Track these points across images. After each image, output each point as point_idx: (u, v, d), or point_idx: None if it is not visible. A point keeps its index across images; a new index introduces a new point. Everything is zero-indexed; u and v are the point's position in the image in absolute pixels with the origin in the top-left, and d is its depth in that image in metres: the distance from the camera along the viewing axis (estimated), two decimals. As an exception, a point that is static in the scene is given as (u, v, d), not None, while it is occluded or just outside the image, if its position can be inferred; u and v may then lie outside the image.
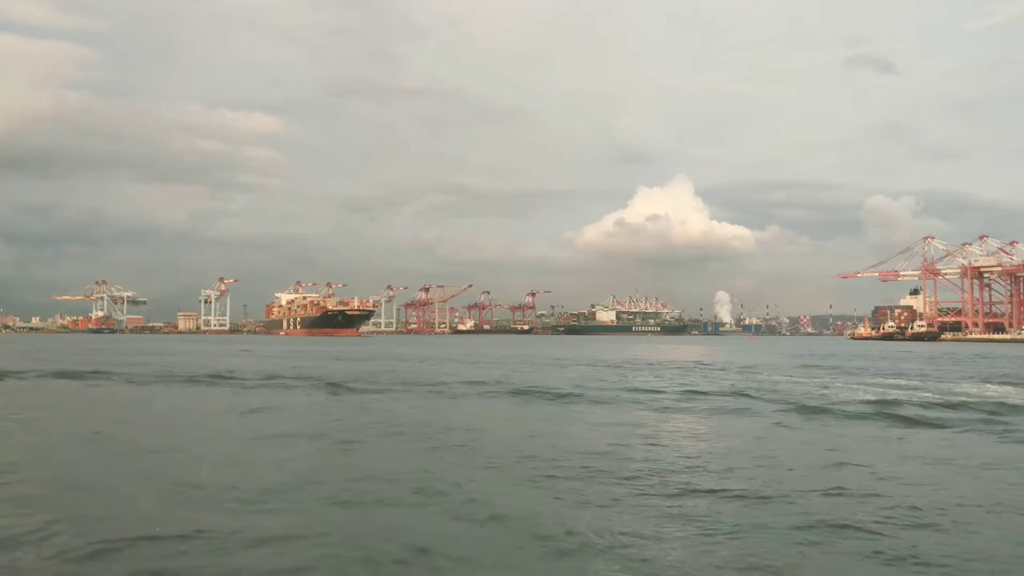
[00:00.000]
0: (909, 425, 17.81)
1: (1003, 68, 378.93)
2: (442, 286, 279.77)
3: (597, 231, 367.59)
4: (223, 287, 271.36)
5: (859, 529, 8.56)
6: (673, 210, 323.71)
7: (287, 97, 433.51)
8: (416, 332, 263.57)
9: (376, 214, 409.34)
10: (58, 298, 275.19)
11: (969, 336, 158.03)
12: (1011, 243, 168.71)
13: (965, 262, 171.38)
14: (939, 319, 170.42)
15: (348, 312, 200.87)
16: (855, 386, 29.28)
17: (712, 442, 15.59)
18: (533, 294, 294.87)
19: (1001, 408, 20.73)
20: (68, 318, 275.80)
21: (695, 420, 19.28)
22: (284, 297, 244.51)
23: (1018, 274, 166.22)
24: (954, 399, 23.46)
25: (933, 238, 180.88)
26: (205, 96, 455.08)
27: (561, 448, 13.92)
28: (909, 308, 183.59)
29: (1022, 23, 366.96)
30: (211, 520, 8.74)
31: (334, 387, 27.42)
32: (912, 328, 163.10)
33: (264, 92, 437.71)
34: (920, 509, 9.52)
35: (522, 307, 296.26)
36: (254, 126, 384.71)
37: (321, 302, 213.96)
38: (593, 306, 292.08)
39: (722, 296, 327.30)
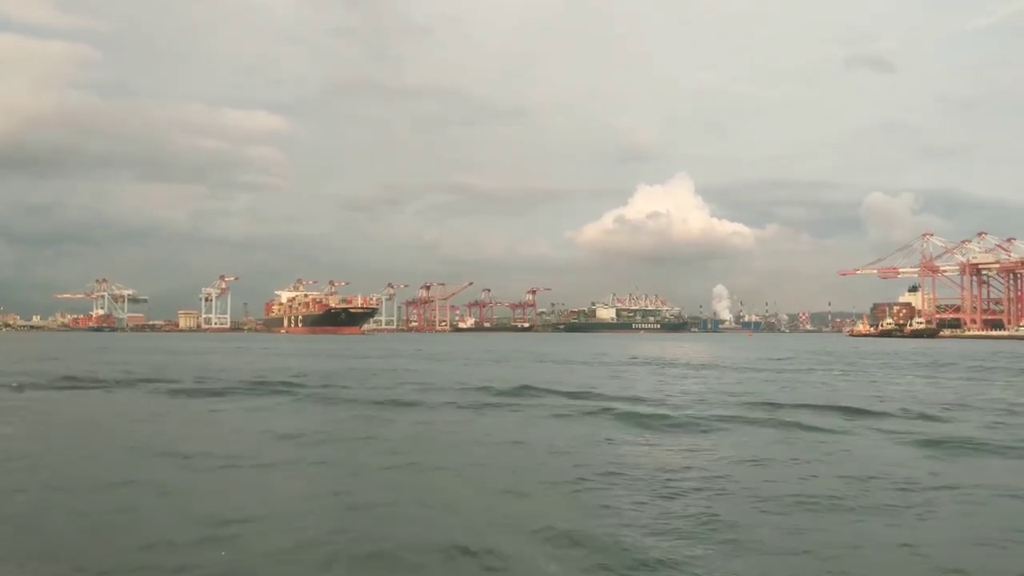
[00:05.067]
0: None
1: (1001, 67, 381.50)
2: (443, 284, 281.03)
3: (597, 229, 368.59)
4: (223, 285, 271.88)
5: None
6: (673, 208, 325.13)
7: (289, 96, 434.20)
8: (417, 330, 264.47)
9: (377, 213, 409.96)
10: (59, 296, 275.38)
11: (968, 333, 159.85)
12: (1009, 240, 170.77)
13: (964, 259, 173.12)
14: (937, 316, 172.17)
15: (352, 310, 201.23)
16: None
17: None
18: (533, 292, 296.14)
19: None
20: (68, 316, 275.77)
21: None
22: (284, 295, 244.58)
23: (1016, 271, 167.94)
24: None
25: (932, 235, 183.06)
26: (207, 95, 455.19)
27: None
28: (908, 305, 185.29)
29: (1020, 22, 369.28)
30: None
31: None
32: (911, 325, 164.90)
33: (266, 91, 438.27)
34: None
35: (522, 305, 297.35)
36: (256, 125, 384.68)
37: (323, 300, 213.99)
38: (593, 304, 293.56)
39: (720, 290, 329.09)
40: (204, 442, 15.88)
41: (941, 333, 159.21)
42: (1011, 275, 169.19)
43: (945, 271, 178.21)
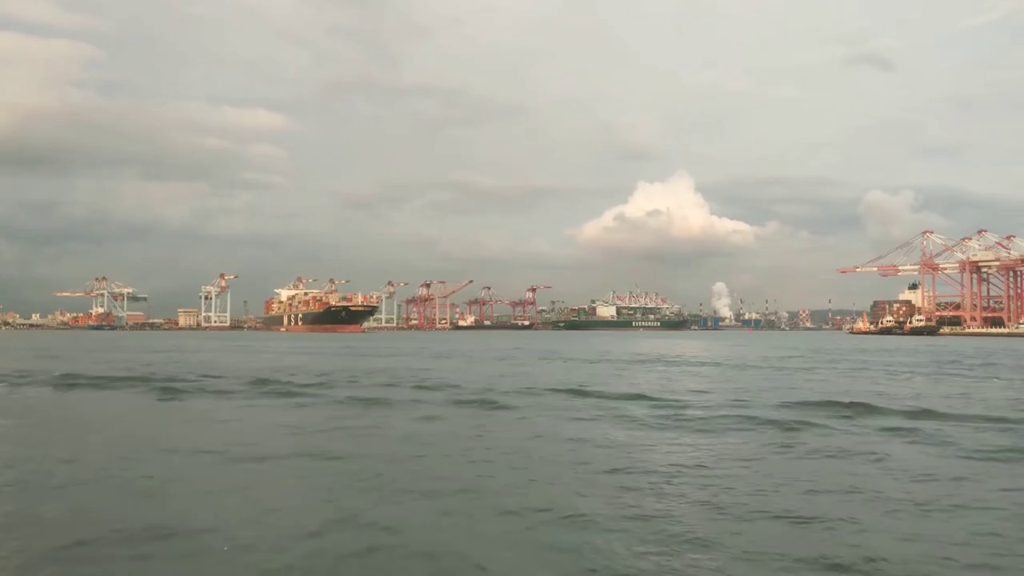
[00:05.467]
0: None
1: (999, 65, 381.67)
2: (443, 282, 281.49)
3: (597, 227, 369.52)
4: (223, 283, 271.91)
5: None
6: (673, 206, 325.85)
7: (289, 95, 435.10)
8: (417, 328, 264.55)
9: (377, 211, 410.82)
10: (59, 295, 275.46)
11: (968, 330, 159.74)
12: (1009, 237, 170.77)
13: (963, 257, 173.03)
14: (938, 313, 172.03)
15: (352, 308, 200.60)
16: None
17: None
18: (533, 290, 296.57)
19: None
20: (68, 315, 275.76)
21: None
22: (284, 293, 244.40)
23: (1016, 268, 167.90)
24: None
25: (932, 233, 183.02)
26: (208, 94, 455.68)
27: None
28: (908, 303, 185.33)
29: (1018, 20, 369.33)
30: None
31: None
32: (911, 322, 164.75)
33: (267, 90, 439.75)
34: None
35: (522, 303, 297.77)
36: (257, 123, 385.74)
37: (323, 298, 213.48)
38: (593, 302, 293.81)
39: (720, 287, 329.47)
40: (210, 442, 15.79)
41: (941, 331, 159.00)
42: (1011, 272, 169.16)
43: (945, 269, 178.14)
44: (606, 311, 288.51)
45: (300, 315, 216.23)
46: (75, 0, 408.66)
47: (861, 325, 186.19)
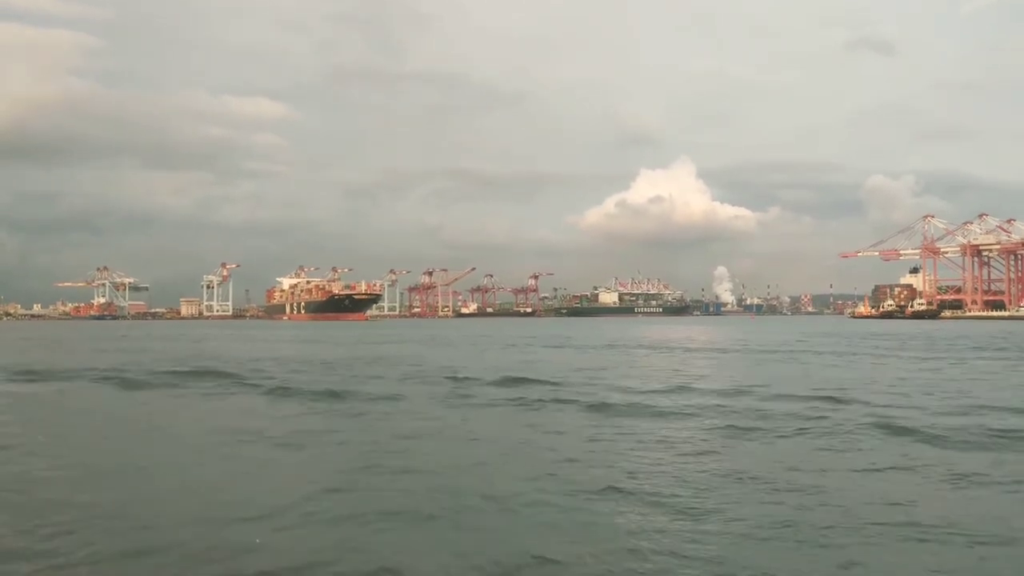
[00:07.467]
0: None
1: (1002, 48, 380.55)
2: (445, 270, 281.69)
3: (599, 213, 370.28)
4: (225, 272, 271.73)
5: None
6: (675, 192, 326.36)
7: (291, 84, 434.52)
8: (420, 316, 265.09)
9: (379, 199, 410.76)
10: (60, 285, 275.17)
11: (969, 314, 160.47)
12: (1009, 221, 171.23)
13: (965, 240, 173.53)
14: (939, 297, 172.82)
15: (356, 296, 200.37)
16: None
17: None
18: (536, 277, 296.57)
19: None
20: (70, 305, 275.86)
21: None
22: (286, 282, 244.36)
23: (1017, 252, 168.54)
24: None
25: (933, 217, 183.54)
26: (209, 83, 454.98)
27: None
28: (909, 286, 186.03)
29: (1019, 2, 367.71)
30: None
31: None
32: (912, 306, 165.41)
33: (269, 79, 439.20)
34: None
35: (525, 290, 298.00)
36: (259, 112, 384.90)
37: (326, 286, 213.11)
38: (595, 288, 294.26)
39: (721, 272, 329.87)
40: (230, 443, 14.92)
41: (942, 314, 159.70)
42: (1012, 256, 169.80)
43: (946, 252, 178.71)
44: (608, 297, 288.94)
45: (303, 304, 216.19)
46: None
47: (863, 309, 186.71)
